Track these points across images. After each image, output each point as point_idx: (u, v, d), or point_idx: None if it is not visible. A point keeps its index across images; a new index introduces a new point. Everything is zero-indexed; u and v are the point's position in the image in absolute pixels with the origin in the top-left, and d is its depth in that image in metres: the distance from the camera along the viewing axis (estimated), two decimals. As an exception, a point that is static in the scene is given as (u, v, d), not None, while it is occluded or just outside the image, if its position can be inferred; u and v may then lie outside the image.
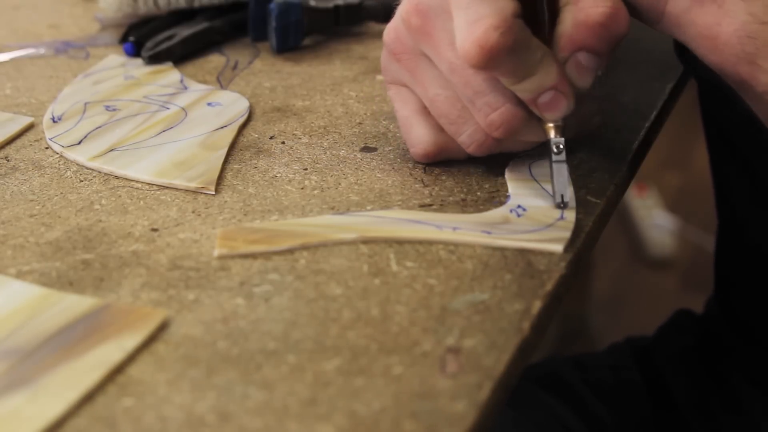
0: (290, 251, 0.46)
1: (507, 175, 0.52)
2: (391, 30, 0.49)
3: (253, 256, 0.46)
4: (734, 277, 0.70)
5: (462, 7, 0.42)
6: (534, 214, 0.48)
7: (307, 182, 0.52)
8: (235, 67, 0.68)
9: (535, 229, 0.47)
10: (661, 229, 1.89)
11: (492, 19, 0.42)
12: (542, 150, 0.50)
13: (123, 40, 0.70)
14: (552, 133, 0.47)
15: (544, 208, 0.48)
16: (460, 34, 0.43)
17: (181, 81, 0.65)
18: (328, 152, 0.56)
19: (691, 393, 0.68)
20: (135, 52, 0.68)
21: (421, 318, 0.41)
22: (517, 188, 0.50)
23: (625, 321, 1.69)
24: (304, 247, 0.44)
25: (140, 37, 0.69)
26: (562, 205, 0.47)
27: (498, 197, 0.50)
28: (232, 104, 0.61)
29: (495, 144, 0.50)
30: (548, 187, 0.49)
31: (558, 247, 0.45)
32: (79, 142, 0.56)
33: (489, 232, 0.46)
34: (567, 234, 0.46)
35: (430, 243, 0.46)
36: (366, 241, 0.46)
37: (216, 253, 0.43)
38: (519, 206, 0.48)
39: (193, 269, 0.45)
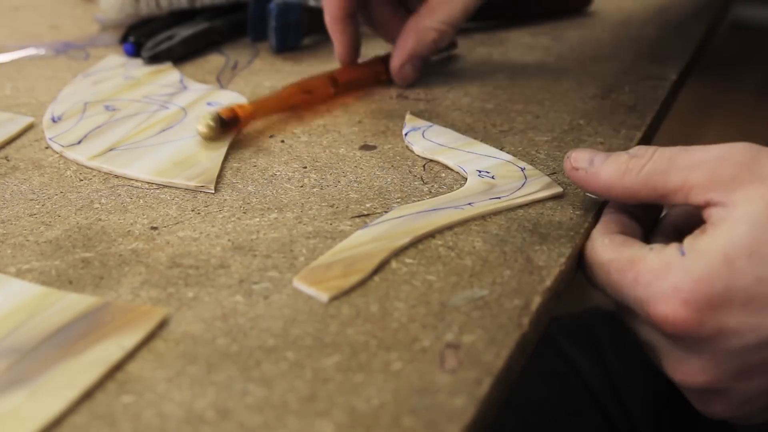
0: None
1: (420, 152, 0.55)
2: None
3: (253, 254, 0.46)
4: None
5: None
6: (501, 173, 0.52)
7: (306, 180, 0.52)
8: (234, 67, 0.68)
9: (521, 185, 0.51)
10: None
11: None
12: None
13: (123, 40, 0.70)
14: None
15: (499, 164, 0.53)
16: None
17: (181, 81, 0.65)
18: (327, 150, 0.56)
19: None
20: (135, 52, 0.68)
21: (421, 314, 0.41)
22: (449, 158, 0.54)
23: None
24: (382, 264, 0.45)
25: (140, 38, 0.69)
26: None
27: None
28: (232, 103, 0.61)
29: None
30: (466, 149, 0.55)
31: (558, 189, 0.50)
32: (79, 142, 0.56)
33: (498, 197, 0.49)
34: (548, 178, 0.51)
35: (451, 227, 0.48)
36: (418, 239, 0.46)
37: (326, 298, 0.42)
38: (479, 171, 0.52)
39: (192, 267, 0.45)
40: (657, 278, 0.40)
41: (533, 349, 0.42)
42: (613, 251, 0.43)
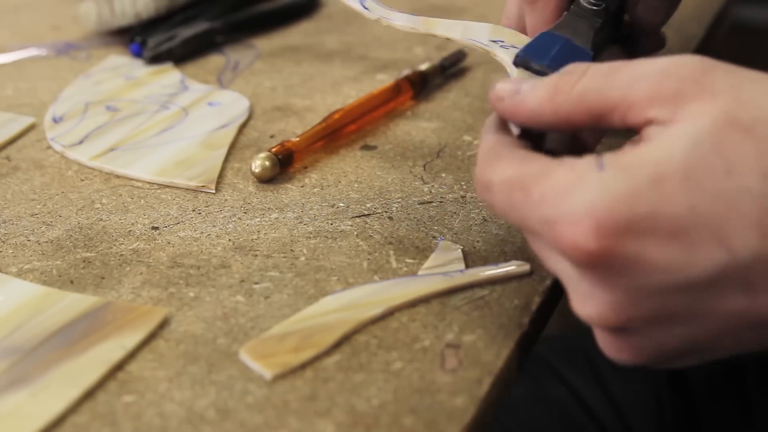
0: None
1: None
2: None
3: (254, 254, 0.46)
4: None
5: None
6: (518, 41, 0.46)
7: (307, 180, 0.52)
8: (235, 68, 0.68)
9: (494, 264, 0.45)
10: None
11: None
12: None
13: (130, 40, 0.70)
14: None
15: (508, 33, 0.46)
16: None
17: (182, 81, 0.65)
18: (327, 150, 0.56)
19: (705, 384, 0.68)
20: (142, 52, 0.68)
21: (421, 314, 0.42)
22: (449, 29, 0.47)
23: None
24: (345, 338, 0.40)
25: (147, 38, 0.69)
26: None
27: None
28: (233, 104, 0.61)
29: None
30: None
31: (526, 267, 0.44)
32: (80, 142, 0.56)
33: (496, 265, 0.44)
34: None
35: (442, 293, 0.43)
36: (393, 310, 0.42)
37: (269, 376, 0.38)
38: (501, 43, 0.46)
39: (193, 267, 0.45)
40: (566, 194, 0.33)
41: (531, 375, 0.41)
42: (514, 167, 0.36)
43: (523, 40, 0.45)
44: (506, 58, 0.44)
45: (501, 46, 0.45)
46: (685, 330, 0.34)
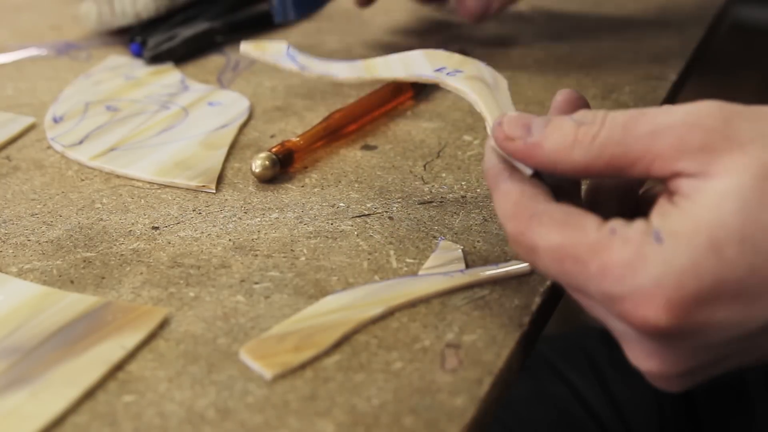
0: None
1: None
2: None
3: (254, 254, 0.46)
4: None
5: None
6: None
7: (307, 180, 0.52)
8: (235, 68, 0.68)
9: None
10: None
11: None
12: None
13: (130, 40, 0.70)
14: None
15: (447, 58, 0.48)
16: None
17: (182, 81, 0.65)
18: (328, 150, 0.56)
19: (705, 382, 0.68)
20: (142, 52, 0.68)
21: (421, 313, 0.42)
22: (389, 69, 0.50)
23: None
24: (345, 338, 0.40)
25: (147, 38, 0.69)
26: None
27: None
28: (233, 104, 0.61)
29: None
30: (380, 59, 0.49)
31: (526, 267, 0.44)
32: (80, 142, 0.56)
33: (496, 265, 0.44)
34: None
35: (443, 297, 0.44)
36: (393, 310, 0.42)
37: (269, 376, 0.38)
38: (443, 69, 0.47)
39: (193, 267, 0.45)
40: (631, 272, 0.34)
41: (532, 374, 0.41)
42: (559, 234, 0.35)
43: (459, 61, 0.47)
44: (458, 85, 0.45)
45: (447, 74, 0.46)
46: (736, 361, 0.37)
